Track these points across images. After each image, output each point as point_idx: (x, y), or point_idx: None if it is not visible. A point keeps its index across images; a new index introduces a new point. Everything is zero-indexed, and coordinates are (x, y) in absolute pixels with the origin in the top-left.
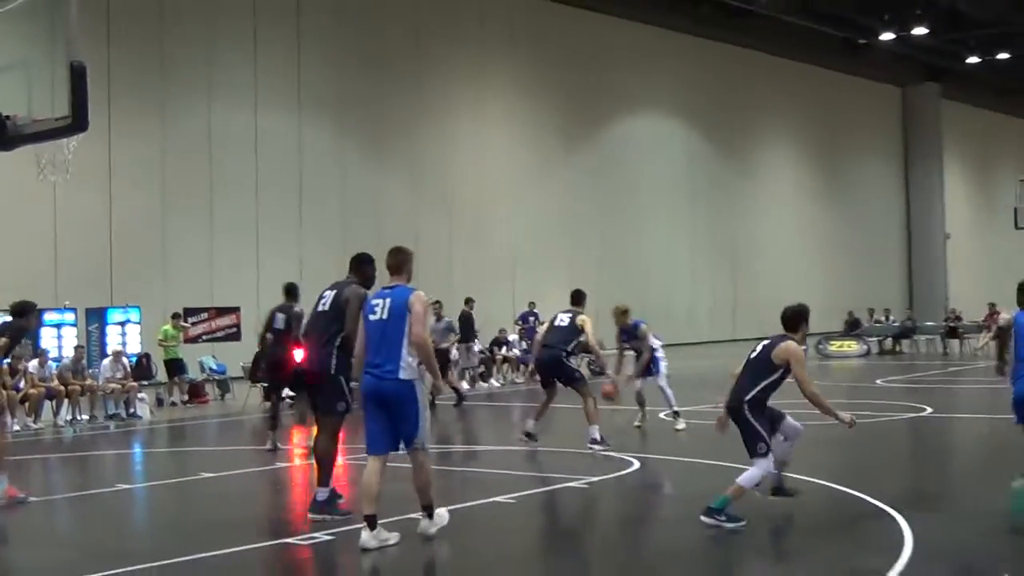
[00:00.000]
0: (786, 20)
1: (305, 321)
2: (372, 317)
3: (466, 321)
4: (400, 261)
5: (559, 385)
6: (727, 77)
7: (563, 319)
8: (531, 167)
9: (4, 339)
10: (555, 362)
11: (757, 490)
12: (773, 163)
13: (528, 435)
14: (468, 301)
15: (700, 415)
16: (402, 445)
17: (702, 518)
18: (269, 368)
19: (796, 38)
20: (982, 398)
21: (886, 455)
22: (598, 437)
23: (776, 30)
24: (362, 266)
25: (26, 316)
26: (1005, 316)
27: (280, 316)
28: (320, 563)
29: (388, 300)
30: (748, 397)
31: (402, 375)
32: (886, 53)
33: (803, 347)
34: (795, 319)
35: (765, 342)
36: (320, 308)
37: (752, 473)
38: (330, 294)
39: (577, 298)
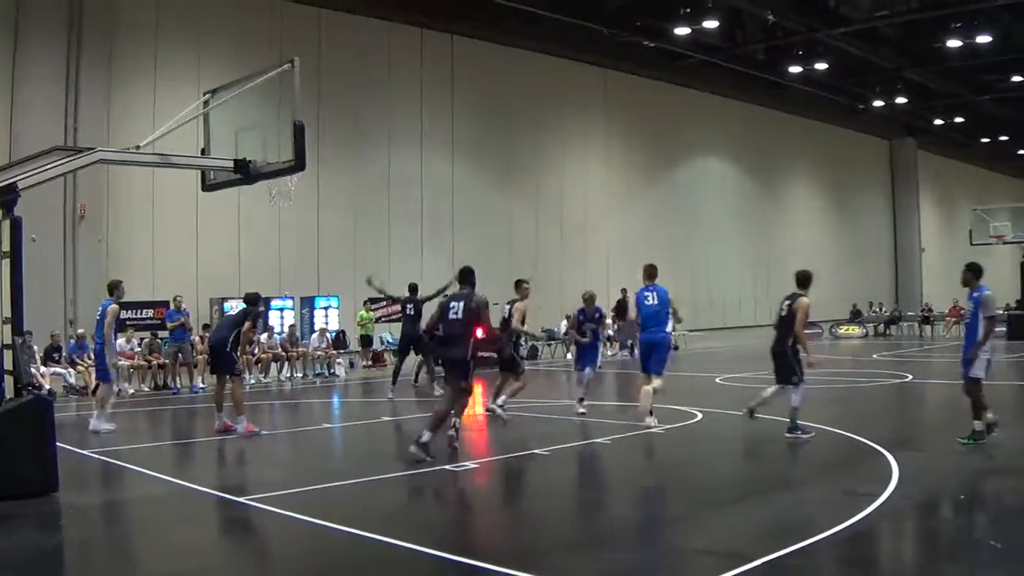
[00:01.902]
0: (808, 91)
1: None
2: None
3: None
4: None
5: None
6: (764, 132)
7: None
8: (622, 197)
9: (248, 323)
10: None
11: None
12: (796, 195)
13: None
14: (623, 291)
15: (744, 380)
16: None
17: (786, 434)
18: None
19: (815, 104)
20: (948, 368)
21: (879, 409)
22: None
23: (801, 97)
24: (471, 276)
25: (256, 303)
26: None
27: (409, 306)
28: (469, 483)
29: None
30: (789, 343)
31: None
32: (878, 115)
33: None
34: (805, 280)
35: (787, 302)
36: (453, 316)
37: (797, 397)
38: (458, 304)
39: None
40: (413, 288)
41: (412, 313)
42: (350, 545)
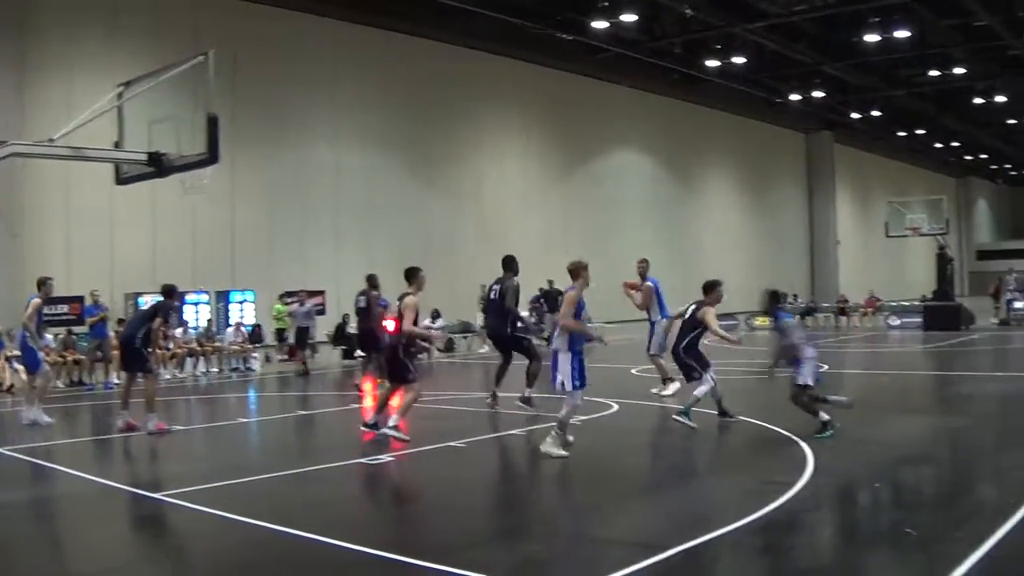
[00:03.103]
0: (726, 85)
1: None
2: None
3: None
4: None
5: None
6: (681, 125)
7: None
8: (539, 189)
9: (159, 318)
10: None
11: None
12: (713, 188)
13: None
14: (549, 282)
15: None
16: None
17: (674, 417)
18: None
19: (732, 97)
20: (862, 358)
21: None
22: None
23: (719, 92)
24: (513, 263)
25: (171, 296)
26: None
27: (361, 298)
28: (383, 477)
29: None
30: (684, 344)
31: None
32: (794, 109)
33: (717, 304)
34: (707, 289)
35: (692, 306)
36: (492, 296)
37: (699, 389)
38: (497, 287)
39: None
40: (371, 279)
41: (363, 306)
42: (266, 540)
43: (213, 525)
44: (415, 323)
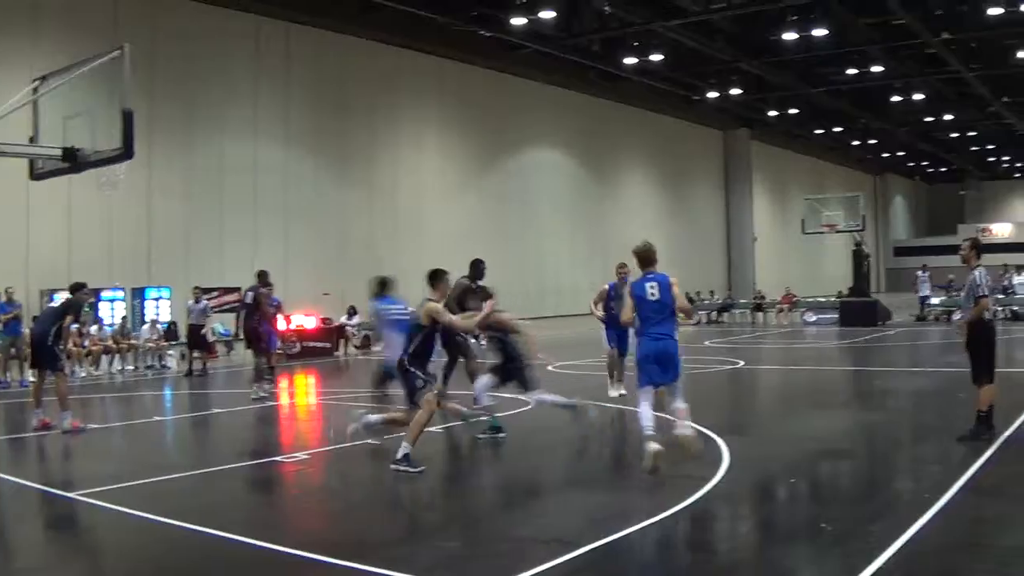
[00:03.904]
0: (643, 81)
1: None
2: None
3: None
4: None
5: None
6: (599, 122)
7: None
8: (457, 186)
9: (70, 317)
10: None
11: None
12: (631, 184)
13: None
14: None
15: (576, 367)
16: None
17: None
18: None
19: (650, 95)
20: (778, 354)
21: (711, 395)
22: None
23: (635, 89)
24: (478, 265)
25: (79, 292)
26: None
27: (249, 294)
28: (299, 475)
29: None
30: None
31: None
32: (712, 107)
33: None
34: (432, 280)
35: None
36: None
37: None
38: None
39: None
40: (262, 275)
41: (250, 303)
42: (181, 539)
43: (128, 524)
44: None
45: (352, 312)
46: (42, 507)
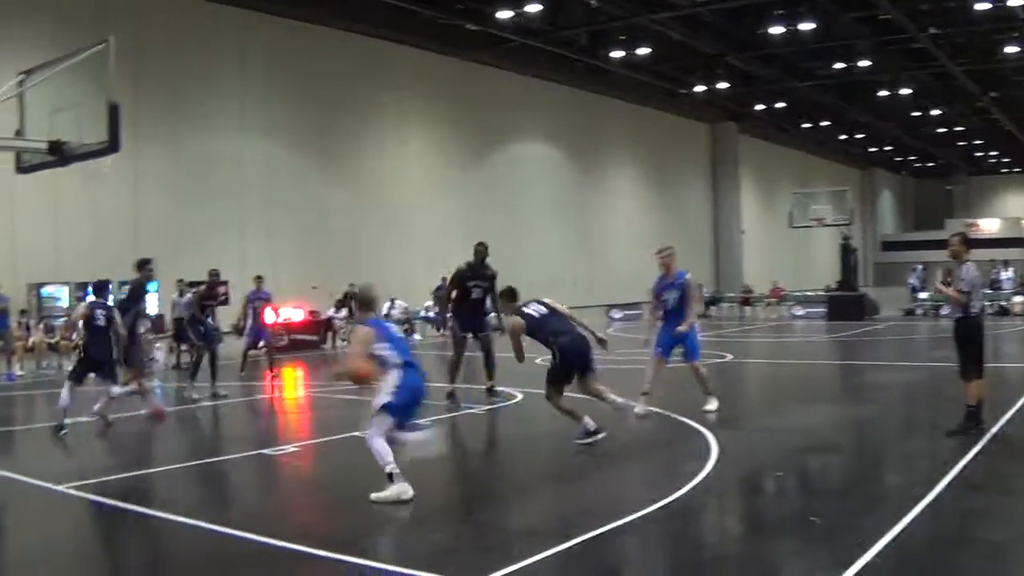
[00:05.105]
0: (629, 75)
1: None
2: None
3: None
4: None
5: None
6: (585, 115)
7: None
8: (442, 181)
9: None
10: None
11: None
12: (618, 177)
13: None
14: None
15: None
16: None
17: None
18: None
19: (637, 88)
20: (766, 348)
21: (699, 390)
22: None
23: (622, 82)
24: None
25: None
26: None
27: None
28: (286, 468)
29: None
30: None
31: None
32: (698, 100)
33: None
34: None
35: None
36: (476, 296)
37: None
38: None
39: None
40: (214, 275)
41: (187, 302)
42: (170, 532)
43: (117, 517)
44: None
45: (340, 305)
46: (30, 500)
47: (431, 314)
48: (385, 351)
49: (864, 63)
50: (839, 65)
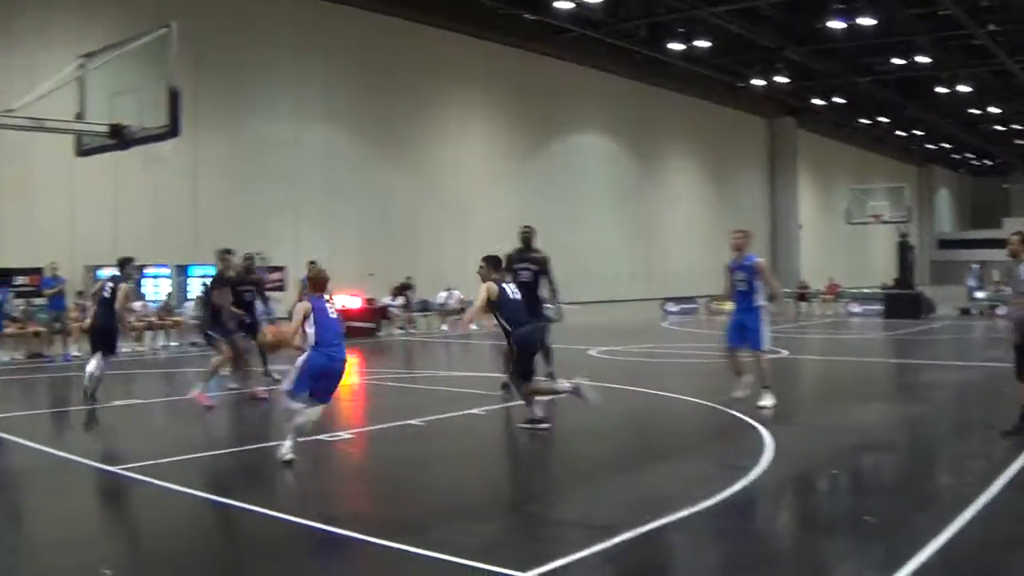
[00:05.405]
0: (688, 68)
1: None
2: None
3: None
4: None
5: None
6: (644, 107)
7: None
8: (500, 169)
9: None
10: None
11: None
12: (676, 170)
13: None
14: None
15: (618, 352)
16: None
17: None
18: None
19: (695, 81)
20: (822, 344)
21: (755, 385)
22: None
23: (681, 75)
24: (533, 236)
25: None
26: None
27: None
28: (341, 455)
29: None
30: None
31: None
32: (757, 94)
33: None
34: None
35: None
36: (524, 279)
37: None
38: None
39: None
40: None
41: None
42: (224, 515)
43: (172, 499)
44: None
45: (396, 293)
46: (87, 481)
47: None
48: (309, 330)
49: (923, 59)
50: (898, 61)
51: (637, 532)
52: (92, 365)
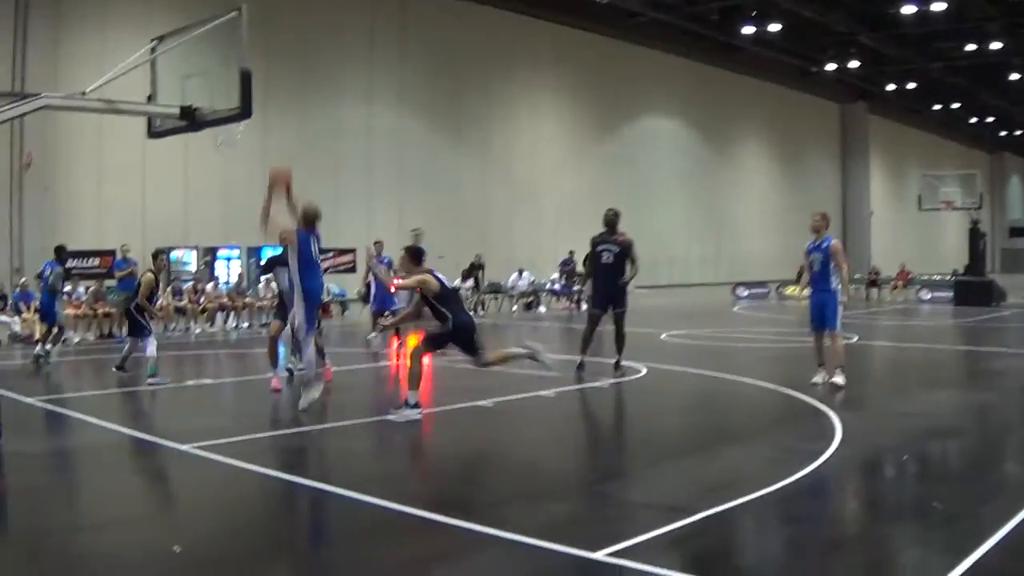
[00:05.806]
0: (761, 52)
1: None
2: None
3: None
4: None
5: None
6: (716, 91)
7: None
8: (571, 152)
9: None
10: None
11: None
12: (747, 155)
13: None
14: (571, 253)
15: (688, 336)
16: None
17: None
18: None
19: (767, 65)
20: (892, 330)
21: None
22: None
23: (752, 59)
24: (617, 219)
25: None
26: None
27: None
28: (410, 434)
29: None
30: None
31: None
32: (829, 79)
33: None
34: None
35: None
36: (605, 260)
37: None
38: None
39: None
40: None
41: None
42: (292, 493)
43: (241, 477)
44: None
45: (467, 275)
46: (156, 459)
47: (556, 287)
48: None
49: (995, 45)
50: (970, 47)
51: (704, 515)
52: (151, 348)
